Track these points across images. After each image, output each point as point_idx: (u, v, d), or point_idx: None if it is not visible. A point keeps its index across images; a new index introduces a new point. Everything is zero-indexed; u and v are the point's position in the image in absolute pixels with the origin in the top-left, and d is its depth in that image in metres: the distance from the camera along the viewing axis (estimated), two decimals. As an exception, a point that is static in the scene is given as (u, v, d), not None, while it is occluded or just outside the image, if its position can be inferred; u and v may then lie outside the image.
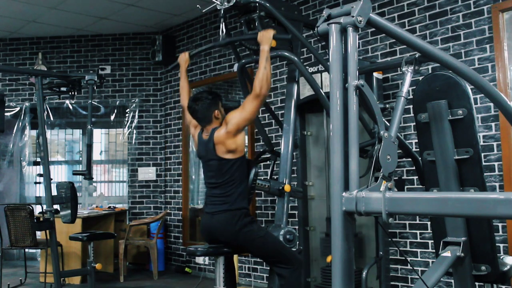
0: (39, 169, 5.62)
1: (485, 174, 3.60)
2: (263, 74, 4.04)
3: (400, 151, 4.28)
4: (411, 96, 4.48)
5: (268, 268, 4.41)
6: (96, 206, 8.73)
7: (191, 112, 4.29)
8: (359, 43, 5.95)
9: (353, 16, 2.30)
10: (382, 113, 3.14)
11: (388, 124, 2.65)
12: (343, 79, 2.31)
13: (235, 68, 4.88)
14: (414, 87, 3.32)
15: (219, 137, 4.10)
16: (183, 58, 4.79)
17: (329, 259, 5.28)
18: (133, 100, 9.06)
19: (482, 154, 4.70)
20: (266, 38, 4.17)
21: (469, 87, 2.94)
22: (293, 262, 4.12)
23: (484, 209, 1.93)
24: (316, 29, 2.46)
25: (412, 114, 5.06)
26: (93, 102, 5.68)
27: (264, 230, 4.20)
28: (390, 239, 5.40)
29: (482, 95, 4.82)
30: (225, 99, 9.31)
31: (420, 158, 3.68)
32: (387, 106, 5.32)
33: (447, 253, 3.11)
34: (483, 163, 4.89)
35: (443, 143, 3.03)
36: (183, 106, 4.72)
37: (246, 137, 7.70)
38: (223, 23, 4.63)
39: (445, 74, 3.01)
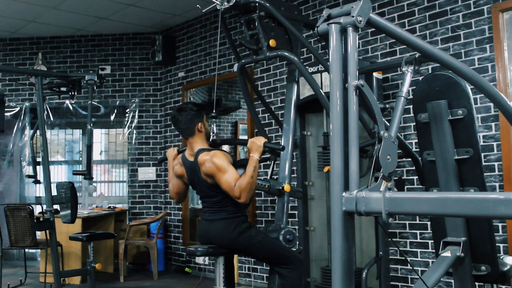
0: (29, 170, 5.61)
1: (485, 174, 3.59)
2: (247, 183, 3.90)
3: (400, 151, 4.28)
4: (411, 96, 4.47)
5: (268, 268, 4.41)
6: (96, 206, 8.72)
7: (174, 122, 4.28)
8: (359, 43, 5.95)
9: (353, 16, 2.30)
10: (382, 113, 3.14)
11: (388, 124, 2.64)
12: (343, 79, 2.31)
13: (235, 68, 4.87)
14: (414, 87, 3.31)
15: (202, 160, 4.06)
16: (171, 153, 4.61)
17: (326, 169, 5.32)
18: (133, 100, 9.05)
19: (482, 154, 4.70)
20: (256, 146, 4.08)
21: (469, 87, 2.93)
22: (294, 261, 4.12)
23: (484, 209, 1.93)
24: (316, 29, 2.45)
25: (412, 114, 5.06)
26: (93, 102, 5.66)
27: (262, 234, 4.18)
28: (390, 239, 5.40)
29: (482, 95, 4.82)
30: (225, 99, 9.32)
31: (420, 158, 3.68)
32: (387, 106, 5.31)
33: (447, 253, 3.10)
34: (483, 163, 4.88)
35: (443, 143, 3.02)
36: (173, 199, 4.62)
37: (246, 137, 7.71)
38: (215, 101, 4.63)
39: (445, 74, 3.01)
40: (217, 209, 4.12)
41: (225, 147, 7.87)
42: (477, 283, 3.21)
